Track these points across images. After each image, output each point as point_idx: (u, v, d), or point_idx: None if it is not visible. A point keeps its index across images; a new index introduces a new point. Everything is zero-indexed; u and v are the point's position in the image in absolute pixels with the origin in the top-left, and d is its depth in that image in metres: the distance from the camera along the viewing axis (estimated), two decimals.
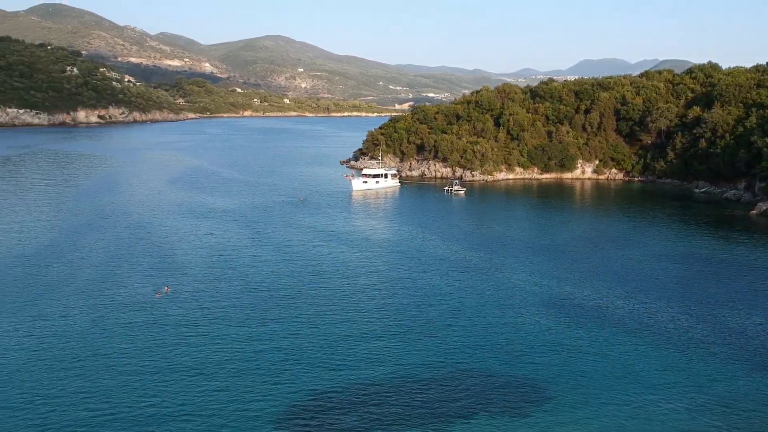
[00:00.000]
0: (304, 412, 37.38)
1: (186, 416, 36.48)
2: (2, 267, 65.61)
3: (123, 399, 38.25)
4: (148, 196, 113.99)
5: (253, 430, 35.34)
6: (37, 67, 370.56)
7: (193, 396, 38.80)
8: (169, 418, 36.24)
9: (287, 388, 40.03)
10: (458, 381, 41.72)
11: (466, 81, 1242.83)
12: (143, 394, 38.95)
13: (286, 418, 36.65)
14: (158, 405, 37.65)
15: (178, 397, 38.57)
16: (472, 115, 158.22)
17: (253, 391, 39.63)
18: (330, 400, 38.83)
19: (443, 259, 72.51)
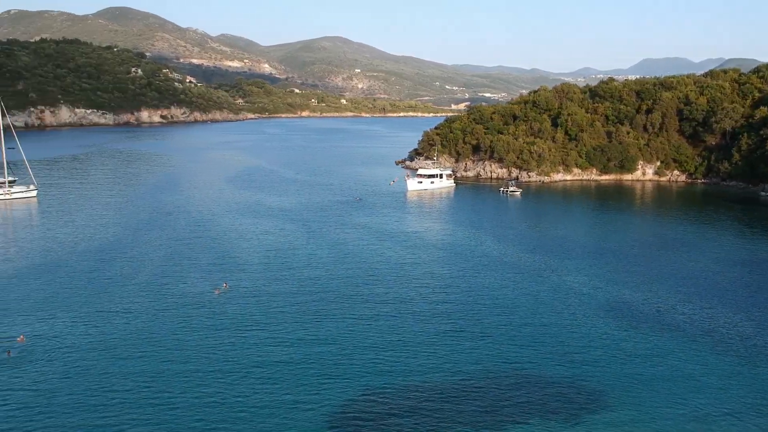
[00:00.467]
0: (357, 411, 37.75)
1: (241, 410, 37.28)
2: (70, 261, 68.16)
3: (181, 391, 39.33)
4: (208, 194, 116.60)
5: (307, 427, 35.87)
6: (103, 69, 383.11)
7: (248, 390, 39.61)
8: (225, 411, 37.10)
9: (340, 387, 40.49)
10: (512, 383, 41.47)
11: (524, 81, 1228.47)
12: (200, 386, 39.96)
13: (338, 417, 37.09)
14: (214, 397, 38.59)
15: (233, 391, 39.44)
16: (529, 115, 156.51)
17: (307, 388, 40.21)
18: (383, 399, 39.11)
19: (498, 260, 72.07)
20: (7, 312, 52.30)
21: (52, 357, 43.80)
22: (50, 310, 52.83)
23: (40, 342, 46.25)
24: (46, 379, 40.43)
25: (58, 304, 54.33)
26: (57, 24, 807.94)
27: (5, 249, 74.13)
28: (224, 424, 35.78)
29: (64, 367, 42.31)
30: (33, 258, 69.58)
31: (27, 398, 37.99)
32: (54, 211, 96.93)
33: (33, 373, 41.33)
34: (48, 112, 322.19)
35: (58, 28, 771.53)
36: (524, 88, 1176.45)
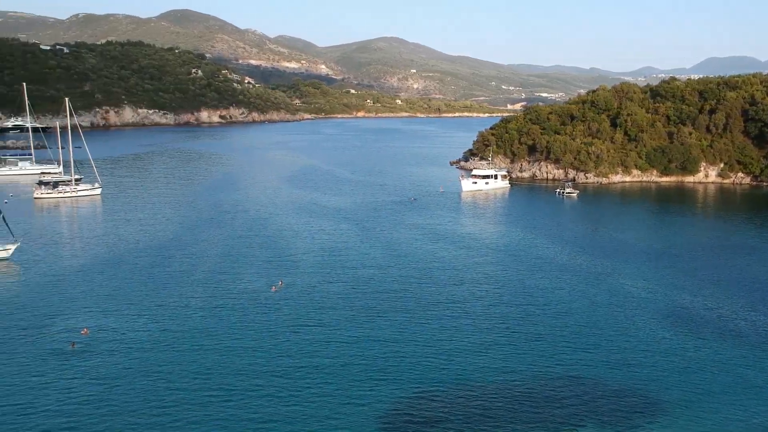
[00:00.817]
0: (408, 410, 37.87)
1: (294, 405, 37.82)
2: (132, 257, 70.23)
3: (236, 384, 40.14)
4: (265, 193, 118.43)
5: (358, 424, 36.16)
6: (165, 70, 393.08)
7: (301, 386, 40.14)
8: (278, 406, 37.69)
9: (392, 385, 40.67)
10: (566, 386, 40.95)
11: (582, 80, 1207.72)
12: (255, 380, 40.69)
13: (390, 415, 37.28)
14: (268, 392, 39.23)
15: (286, 386, 40.03)
16: (587, 115, 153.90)
17: (359, 385, 40.53)
18: (434, 399, 39.13)
19: (553, 262, 71.16)
20: (73, 305, 54.22)
21: (113, 349, 45.24)
22: (113, 304, 54.54)
23: (103, 335, 47.81)
24: (108, 370, 41.78)
25: (121, 299, 56.04)
26: (122, 27, 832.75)
27: (71, 244, 76.85)
28: (277, 418, 36.36)
29: (125, 359, 43.65)
30: (97, 253, 71.94)
31: (90, 387, 39.34)
32: (117, 208, 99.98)
33: (95, 364, 42.75)
34: (112, 112, 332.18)
35: (123, 31, 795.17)
36: (582, 88, 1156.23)
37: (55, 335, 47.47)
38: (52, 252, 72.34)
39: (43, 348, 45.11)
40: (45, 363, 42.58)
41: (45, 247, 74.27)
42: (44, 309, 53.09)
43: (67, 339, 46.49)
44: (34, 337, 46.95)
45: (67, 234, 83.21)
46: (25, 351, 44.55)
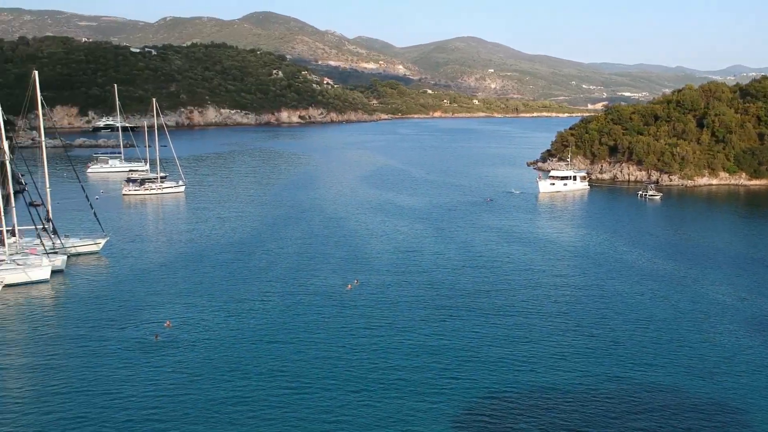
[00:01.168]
0: (481, 411, 37.64)
1: (366, 404, 38.16)
2: (213, 253, 72.47)
3: (310, 378, 40.83)
4: (342, 192, 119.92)
5: (431, 423, 36.20)
6: (247, 71, 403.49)
7: (375, 383, 40.48)
8: (351, 401, 38.15)
9: (465, 386, 40.50)
10: (645, 395, 39.79)
11: (667, 79, 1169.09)
12: (329, 376, 41.29)
13: (462, 416, 37.15)
14: (342, 387, 39.76)
15: (360, 382, 40.46)
16: (671, 116, 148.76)
17: (432, 385, 40.54)
18: (507, 402, 38.74)
19: (633, 267, 69.18)
20: (157, 298, 56.39)
21: (194, 341, 46.80)
22: (194, 298, 56.42)
23: (185, 327, 49.51)
24: (189, 362, 43.26)
25: (202, 293, 57.91)
26: (207, 29, 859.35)
27: (157, 239, 79.95)
28: (350, 414, 36.79)
29: (205, 351, 45.08)
30: (180, 248, 74.58)
31: (171, 378, 40.83)
32: (199, 205, 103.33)
33: (177, 356, 44.33)
34: (196, 112, 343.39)
35: (208, 33, 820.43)
36: (667, 87, 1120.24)
37: (140, 326, 49.49)
38: (138, 246, 75.44)
39: (129, 339, 47.08)
40: (130, 354, 44.41)
41: (132, 242, 77.53)
42: (130, 301, 55.43)
43: (151, 331, 48.36)
44: (120, 329, 49.05)
45: (152, 229, 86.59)
46: (112, 341, 46.60)
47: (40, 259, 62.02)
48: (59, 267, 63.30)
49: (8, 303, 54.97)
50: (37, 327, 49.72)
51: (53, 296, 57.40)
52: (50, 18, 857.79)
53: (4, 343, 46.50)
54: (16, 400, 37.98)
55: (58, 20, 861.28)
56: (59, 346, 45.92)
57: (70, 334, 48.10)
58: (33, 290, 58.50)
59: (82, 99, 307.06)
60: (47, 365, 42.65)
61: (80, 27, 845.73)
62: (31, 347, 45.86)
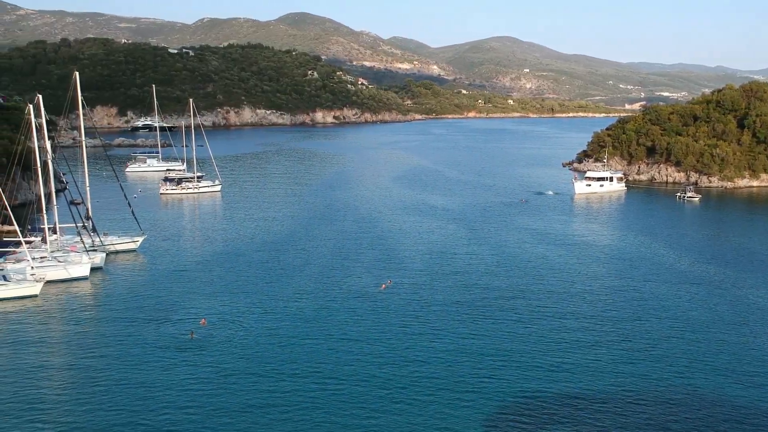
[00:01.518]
0: (513, 412, 37.42)
1: (398, 401, 38.23)
2: (249, 251, 73.23)
3: (344, 377, 41.02)
4: (375, 192, 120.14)
5: (462, 423, 36.11)
6: (283, 72, 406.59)
7: (407, 382, 40.49)
8: (384, 401, 38.22)
9: (498, 387, 40.30)
10: (682, 398, 39.16)
11: (707, 79, 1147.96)
12: (362, 374, 41.42)
13: (494, 417, 36.99)
14: (374, 386, 39.85)
15: (393, 382, 40.49)
16: (711, 116, 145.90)
17: (464, 386, 40.43)
18: (540, 403, 38.46)
19: (671, 269, 68.07)
20: (193, 296, 57.18)
21: (229, 339, 47.35)
22: (229, 296, 57.08)
23: (220, 325, 50.12)
24: (224, 360, 43.79)
25: (237, 291, 58.56)
26: (243, 30, 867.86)
27: (193, 237, 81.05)
28: (383, 413, 36.88)
29: (241, 349, 45.57)
30: (216, 246, 75.49)
31: (207, 375, 41.38)
32: (235, 204, 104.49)
33: (213, 353, 44.90)
34: (233, 112, 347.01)
35: (245, 34, 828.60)
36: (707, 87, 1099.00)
37: (176, 324, 50.23)
38: (174, 244, 76.58)
39: (166, 335, 47.83)
40: (166, 351, 45.08)
41: (168, 240, 78.73)
42: (167, 298, 56.31)
43: (186, 329, 49.03)
44: (157, 326, 49.85)
45: (188, 228, 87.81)
46: (149, 338, 47.38)
47: (80, 257, 63.37)
48: (98, 264, 64.61)
49: (49, 299, 56.28)
50: (76, 323, 50.82)
51: (92, 293, 58.58)
52: (91, 20, 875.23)
53: (44, 338, 47.63)
54: (55, 393, 38.88)
55: (99, 22, 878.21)
56: (97, 342, 46.88)
57: (108, 330, 49.07)
58: (73, 287, 59.80)
59: (121, 99, 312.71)
60: (86, 360, 43.57)
61: (120, 28, 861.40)
62: (70, 343, 46.89)
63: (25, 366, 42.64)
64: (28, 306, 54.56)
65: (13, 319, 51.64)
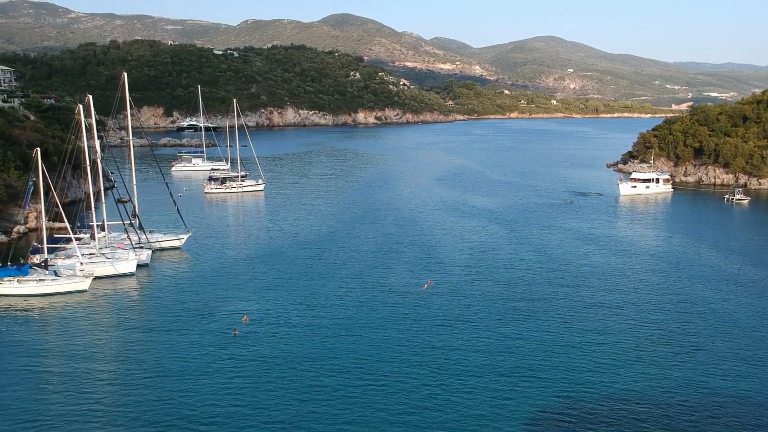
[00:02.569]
0: (554, 412, 37.18)
1: (440, 399, 38.28)
2: (291, 249, 74.08)
3: (385, 373, 41.24)
4: (416, 192, 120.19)
5: (502, 422, 35.99)
6: (325, 73, 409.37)
7: (448, 380, 40.51)
8: (424, 400, 38.31)
9: (538, 386, 40.05)
10: (728, 401, 38.39)
11: (757, 79, 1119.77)
12: (404, 372, 41.55)
13: (534, 416, 36.80)
14: (416, 382, 39.98)
15: (434, 379, 40.54)
16: (762, 117, 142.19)
17: (504, 383, 40.32)
18: (582, 404, 38.11)
19: (718, 272, 66.62)
20: (236, 293, 58.08)
21: (272, 335, 47.98)
22: (272, 293, 57.84)
23: (262, 322, 50.82)
24: (266, 356, 44.40)
25: (280, 288, 59.29)
26: (287, 31, 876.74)
27: (236, 235, 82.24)
28: (424, 409, 36.98)
29: (282, 345, 46.13)
30: (259, 245, 76.49)
31: (249, 372, 42.00)
32: (278, 204, 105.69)
33: (255, 349, 45.58)
34: (276, 113, 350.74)
35: (288, 35, 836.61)
36: (757, 87, 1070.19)
37: (220, 320, 51.11)
38: (218, 242, 77.85)
39: (209, 332, 48.69)
40: (210, 348, 45.75)
41: (212, 237, 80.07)
42: (210, 295, 57.30)
43: (229, 325, 49.81)
44: (201, 322, 50.79)
45: (233, 226, 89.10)
46: (193, 334, 48.27)
47: (127, 254, 64.86)
48: (144, 261, 66.05)
49: (97, 294, 57.78)
50: (123, 318, 52.12)
51: (138, 289, 59.95)
52: (139, 22, 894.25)
53: (93, 332, 48.96)
54: (103, 384, 39.96)
55: (147, 24, 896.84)
56: (143, 335, 48.01)
57: (154, 325, 50.19)
58: (120, 282, 61.28)
59: (167, 100, 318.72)
60: (131, 354, 44.68)
61: (167, 30, 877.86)
62: (118, 336, 48.11)
63: (76, 356, 43.94)
64: (77, 300, 56.15)
65: (64, 312, 53.21)
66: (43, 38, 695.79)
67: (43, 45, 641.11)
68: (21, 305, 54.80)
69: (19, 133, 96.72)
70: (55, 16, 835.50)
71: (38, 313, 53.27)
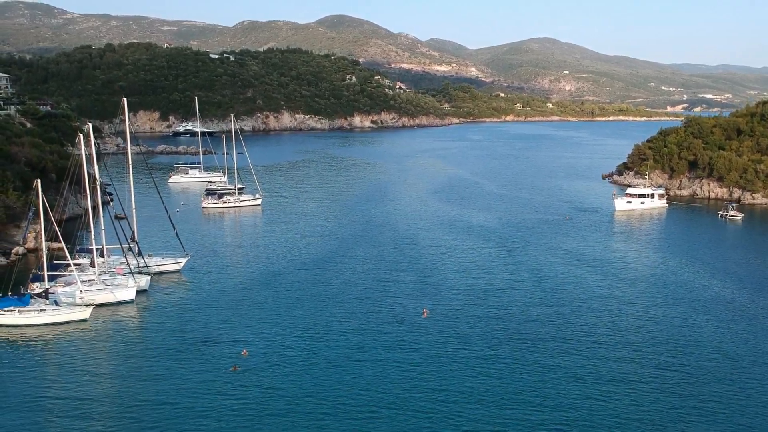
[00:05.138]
0: None
1: (444, 421, 38.90)
2: (291, 270, 74.88)
3: (387, 404, 41.78)
4: (413, 206, 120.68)
5: None
6: (321, 76, 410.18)
7: (450, 415, 41.06)
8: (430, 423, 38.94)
9: (536, 414, 40.62)
10: None
11: (752, 80, 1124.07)
12: (406, 399, 42.09)
13: None
14: (417, 416, 40.55)
15: (435, 414, 41.09)
16: (755, 130, 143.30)
17: (505, 412, 41.02)
18: (578, 428, 38.73)
19: (711, 298, 67.14)
20: (235, 320, 58.50)
21: (272, 369, 48.39)
22: (270, 321, 58.26)
23: (261, 355, 51.20)
24: (267, 386, 44.95)
25: (278, 315, 59.66)
26: (282, 32, 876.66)
27: (234, 257, 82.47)
28: None
29: (284, 382, 46.56)
30: (258, 267, 76.84)
31: (251, 401, 42.51)
32: (275, 219, 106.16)
33: (254, 387, 46.05)
34: (272, 117, 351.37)
35: (284, 36, 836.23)
36: (753, 89, 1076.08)
37: (219, 352, 51.54)
38: (217, 264, 78.14)
39: (209, 365, 49.10)
40: (210, 385, 46.11)
41: (211, 259, 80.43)
42: (210, 324, 57.68)
43: (229, 357, 50.32)
44: (201, 356, 51.10)
45: (231, 246, 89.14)
46: (193, 371, 48.50)
47: (127, 280, 65.25)
48: (143, 287, 66.40)
49: (97, 324, 58.09)
50: (122, 351, 52.40)
51: (138, 318, 60.23)
52: (135, 23, 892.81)
53: (92, 365, 49.31)
54: (102, 420, 40.38)
55: (142, 25, 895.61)
56: (144, 370, 48.37)
57: (153, 359, 50.50)
58: (120, 310, 61.67)
59: (163, 104, 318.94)
60: (131, 389, 45.10)
61: (162, 31, 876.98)
62: (117, 371, 48.47)
63: (76, 390, 44.38)
64: (78, 330, 56.55)
65: (65, 343, 53.61)
66: (39, 39, 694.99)
67: (39, 46, 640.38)
68: (22, 335, 55.21)
69: (18, 150, 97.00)
70: (51, 17, 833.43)
71: (39, 344, 53.68)
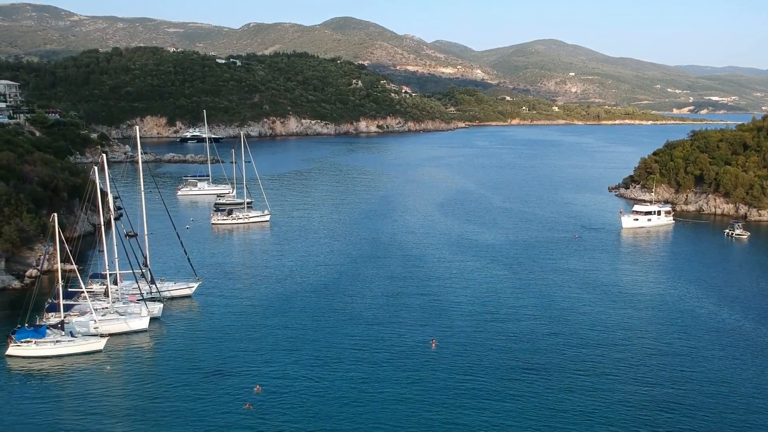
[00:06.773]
0: None
1: None
2: (301, 294, 75.84)
3: None
4: (420, 223, 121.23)
5: None
6: (327, 81, 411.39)
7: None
8: None
9: None
10: None
11: (759, 82, 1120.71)
12: None
13: None
14: None
15: None
16: (762, 145, 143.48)
17: None
18: None
19: (713, 327, 67.62)
20: (248, 349, 59.32)
21: (285, 405, 49.20)
22: (283, 351, 59.09)
23: (274, 390, 51.96)
24: (282, 423, 45.75)
25: (290, 345, 60.45)
26: (288, 35, 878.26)
27: (244, 279, 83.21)
28: None
29: (297, 421, 47.46)
30: (269, 289, 77.69)
31: None
32: (284, 237, 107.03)
33: (270, 417, 46.91)
34: (279, 122, 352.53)
35: (290, 39, 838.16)
36: (759, 91, 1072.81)
37: (233, 385, 52.41)
38: (228, 287, 78.84)
39: (221, 406, 49.78)
40: (224, 423, 46.99)
41: (222, 281, 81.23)
42: (223, 353, 58.54)
43: (243, 389, 51.22)
44: (213, 392, 51.70)
45: (241, 267, 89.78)
46: (205, 408, 49.10)
47: (140, 308, 66.07)
48: (156, 315, 67.24)
49: (111, 354, 58.96)
50: (136, 383, 53.26)
51: (152, 348, 60.97)
52: (141, 25, 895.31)
53: (107, 397, 50.14)
54: None
55: (149, 27, 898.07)
56: (158, 406, 49.19)
57: (166, 392, 51.38)
58: (133, 340, 62.55)
59: (170, 109, 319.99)
60: (146, 429, 45.96)
61: (169, 33, 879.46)
62: (131, 404, 49.28)
63: (89, 426, 45.31)
64: (93, 361, 57.46)
65: (81, 376, 54.57)
66: (46, 41, 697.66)
67: (46, 48, 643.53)
68: (38, 367, 56.19)
69: (30, 169, 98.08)
70: (58, 19, 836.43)
71: (55, 376, 54.65)
